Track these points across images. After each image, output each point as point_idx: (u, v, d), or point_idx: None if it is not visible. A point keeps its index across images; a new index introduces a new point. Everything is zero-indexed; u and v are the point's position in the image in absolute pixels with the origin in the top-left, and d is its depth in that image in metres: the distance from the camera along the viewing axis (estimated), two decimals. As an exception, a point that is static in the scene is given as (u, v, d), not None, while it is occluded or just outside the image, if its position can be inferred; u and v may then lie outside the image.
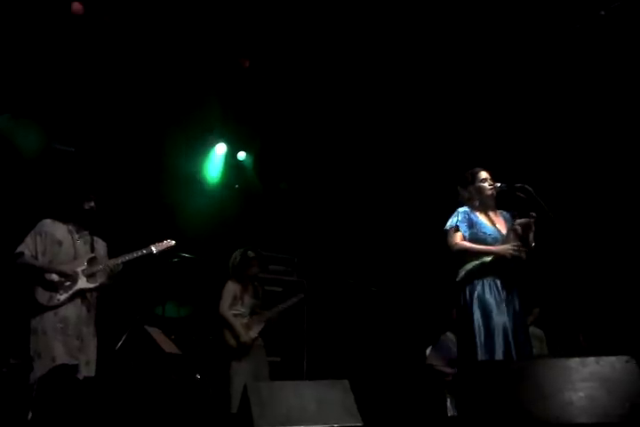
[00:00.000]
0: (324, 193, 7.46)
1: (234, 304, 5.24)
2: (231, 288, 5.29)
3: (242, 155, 7.77)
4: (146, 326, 5.53)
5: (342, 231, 7.26)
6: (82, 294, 3.75)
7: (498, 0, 5.48)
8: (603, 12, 5.53)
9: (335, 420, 3.60)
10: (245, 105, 6.86)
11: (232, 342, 5.11)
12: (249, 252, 5.44)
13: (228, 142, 7.52)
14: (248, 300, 5.33)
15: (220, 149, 7.55)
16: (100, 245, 4.04)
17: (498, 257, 3.69)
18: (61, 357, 3.58)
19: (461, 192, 3.99)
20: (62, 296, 3.68)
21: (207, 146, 7.47)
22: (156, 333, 5.54)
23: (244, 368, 5.03)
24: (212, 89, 6.51)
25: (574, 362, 2.80)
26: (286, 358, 5.95)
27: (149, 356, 5.58)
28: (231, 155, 7.65)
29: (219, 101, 6.58)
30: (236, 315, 5.22)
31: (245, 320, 5.23)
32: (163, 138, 6.69)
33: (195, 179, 7.38)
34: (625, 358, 2.76)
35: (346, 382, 3.84)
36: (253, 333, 5.20)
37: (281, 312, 5.44)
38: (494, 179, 3.93)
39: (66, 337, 3.63)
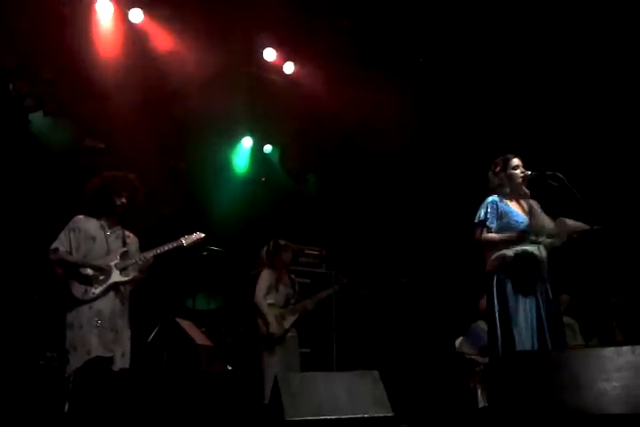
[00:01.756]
0: (351, 185, 7.44)
1: (269, 293, 5.19)
2: (267, 277, 5.25)
3: (268, 148, 7.81)
4: (177, 319, 5.61)
5: (371, 223, 7.24)
6: (116, 287, 3.82)
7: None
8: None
9: (365, 410, 3.61)
10: (273, 98, 6.89)
11: (265, 331, 5.07)
12: (280, 240, 5.41)
13: (255, 136, 7.56)
14: (283, 290, 5.28)
15: (247, 143, 7.60)
16: (132, 240, 4.05)
17: (525, 237, 3.64)
18: (97, 349, 3.64)
19: (492, 179, 3.94)
20: (97, 290, 3.72)
21: (234, 139, 7.51)
22: (187, 325, 5.61)
23: (277, 359, 5.00)
24: (239, 83, 6.54)
25: (609, 351, 2.76)
26: (316, 349, 5.97)
27: (181, 348, 5.66)
28: (258, 148, 7.70)
29: (246, 95, 6.60)
30: (270, 304, 5.17)
31: (280, 310, 5.18)
32: (191, 132, 6.74)
33: (222, 172, 7.43)
34: (661, 347, 2.71)
35: (376, 372, 3.84)
36: (287, 323, 5.15)
37: (316, 304, 5.43)
38: (526, 167, 3.87)
39: (101, 330, 3.68)
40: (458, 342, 5.70)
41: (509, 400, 2.95)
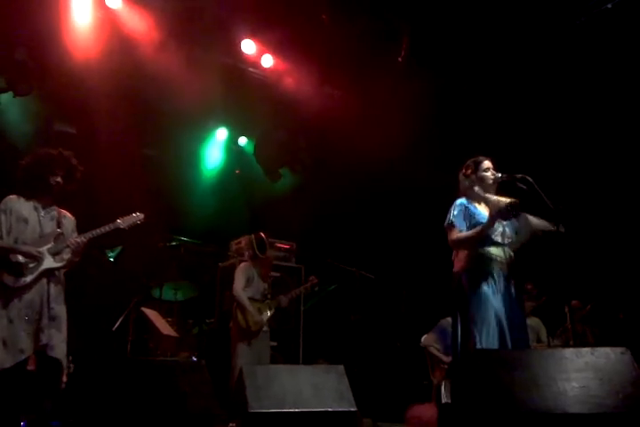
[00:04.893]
0: (325, 180, 7.45)
1: (247, 287, 5.15)
2: (245, 270, 5.20)
3: (243, 140, 7.77)
4: (143, 308, 5.56)
5: (342, 218, 7.27)
6: (48, 273, 3.61)
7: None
8: (609, 6, 5.53)
9: (329, 404, 3.63)
10: (249, 90, 6.86)
11: (243, 323, 5.02)
12: (265, 236, 5.36)
13: (230, 128, 7.52)
14: (261, 284, 5.26)
15: (222, 135, 7.56)
16: (68, 220, 3.83)
17: (491, 224, 3.66)
18: (29, 349, 3.46)
19: (462, 180, 3.95)
20: (28, 278, 3.54)
21: (209, 130, 7.46)
22: (153, 315, 5.57)
23: (250, 351, 4.98)
24: (217, 73, 6.48)
25: (569, 352, 2.83)
26: (283, 343, 5.98)
27: (146, 337, 5.62)
28: (233, 140, 7.66)
29: (223, 86, 6.55)
30: (249, 298, 5.13)
31: (257, 304, 5.15)
32: (165, 121, 6.66)
33: (196, 162, 7.38)
34: (620, 349, 2.78)
35: (341, 367, 3.87)
36: (264, 317, 5.14)
37: (292, 300, 5.42)
38: (496, 169, 3.91)
39: (31, 324, 3.48)
40: (424, 337, 5.78)
41: (471, 398, 3.00)
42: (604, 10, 5.60)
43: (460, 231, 3.76)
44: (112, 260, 5.82)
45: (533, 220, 3.71)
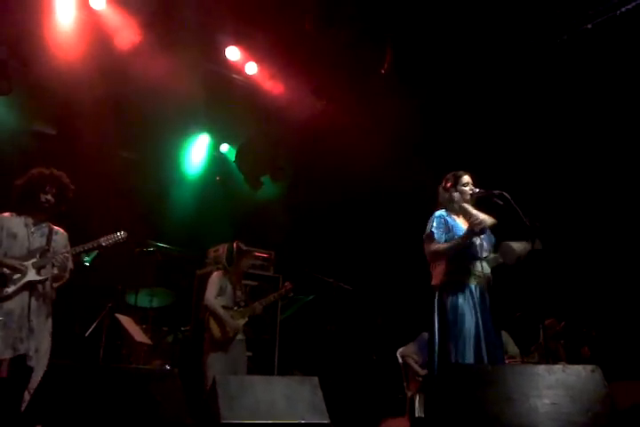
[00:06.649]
0: (303, 189, 7.46)
1: (220, 295, 5.09)
2: (218, 279, 5.14)
3: (225, 147, 7.75)
4: (117, 315, 5.49)
5: (321, 228, 7.27)
6: (31, 285, 3.81)
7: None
8: (590, 26, 5.66)
9: (302, 416, 3.61)
10: (233, 98, 6.85)
11: (217, 332, 4.96)
12: (241, 244, 5.33)
13: (212, 134, 7.49)
14: (233, 293, 5.20)
15: (204, 141, 7.53)
16: (60, 236, 4.04)
17: (469, 238, 3.72)
18: (3, 352, 3.63)
19: (442, 193, 4.02)
20: (10, 289, 3.75)
21: (191, 136, 7.43)
22: (127, 321, 5.51)
23: (223, 361, 4.91)
24: (200, 80, 6.47)
25: (541, 369, 2.85)
26: (258, 353, 5.94)
27: (119, 344, 5.55)
28: (215, 147, 7.64)
29: (207, 93, 6.54)
30: (221, 306, 5.06)
31: (230, 313, 5.09)
32: (146, 125, 6.62)
33: (176, 168, 7.34)
34: (591, 367, 2.82)
35: (315, 379, 3.84)
36: (240, 323, 5.07)
37: (264, 307, 5.39)
38: (475, 184, 3.96)
39: (7, 331, 3.68)
40: (403, 347, 5.78)
41: (444, 412, 3.01)
42: (585, 30, 5.73)
43: (439, 243, 3.80)
44: (87, 264, 5.75)
45: (515, 244, 3.75)
